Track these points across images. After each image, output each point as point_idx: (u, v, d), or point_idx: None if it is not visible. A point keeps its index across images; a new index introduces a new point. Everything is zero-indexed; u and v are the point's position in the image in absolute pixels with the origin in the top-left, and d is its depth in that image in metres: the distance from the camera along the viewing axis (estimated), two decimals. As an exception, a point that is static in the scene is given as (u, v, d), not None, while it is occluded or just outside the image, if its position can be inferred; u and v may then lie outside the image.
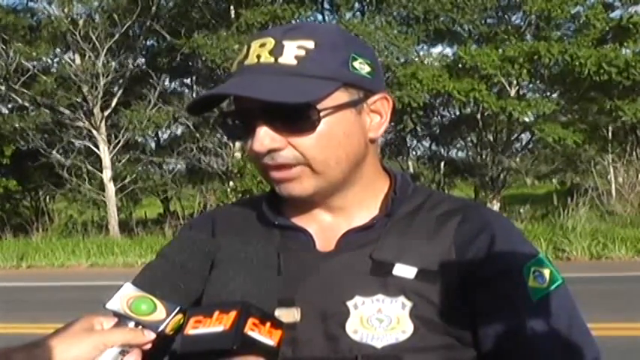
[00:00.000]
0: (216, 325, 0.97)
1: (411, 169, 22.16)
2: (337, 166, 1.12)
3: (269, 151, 1.09)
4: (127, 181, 18.73)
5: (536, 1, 17.33)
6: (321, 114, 1.08)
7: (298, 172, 1.11)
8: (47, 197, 20.78)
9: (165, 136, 22.21)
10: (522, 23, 19.51)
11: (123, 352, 1.01)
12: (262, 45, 1.10)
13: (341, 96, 1.10)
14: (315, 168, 1.10)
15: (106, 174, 18.62)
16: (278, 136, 1.09)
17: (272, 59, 1.09)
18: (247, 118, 1.10)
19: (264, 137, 1.08)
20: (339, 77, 1.10)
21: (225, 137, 18.77)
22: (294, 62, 1.08)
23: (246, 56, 1.12)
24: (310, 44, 1.09)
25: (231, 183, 17.97)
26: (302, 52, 1.09)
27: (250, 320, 0.97)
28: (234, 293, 1.02)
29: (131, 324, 1.03)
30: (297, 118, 1.08)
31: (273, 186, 1.15)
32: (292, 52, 1.09)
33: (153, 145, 22.36)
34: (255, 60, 1.10)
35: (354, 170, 1.15)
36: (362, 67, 1.12)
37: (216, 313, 0.98)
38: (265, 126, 1.08)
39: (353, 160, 1.13)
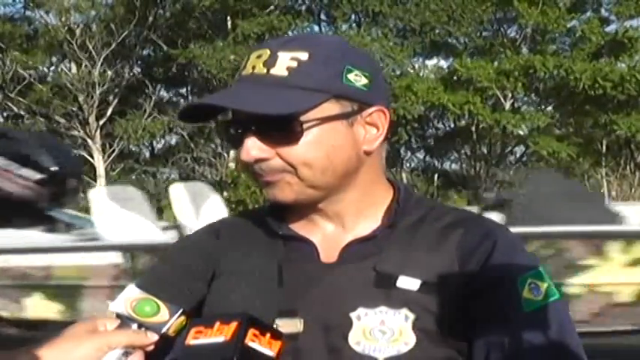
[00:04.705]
0: (217, 335, 0.98)
1: (405, 181, 22.21)
2: (322, 176, 1.12)
3: (256, 160, 1.10)
4: (121, 190, 18.68)
5: (532, 15, 17.44)
6: (306, 125, 1.08)
7: (283, 177, 1.11)
8: (41, 206, 20.68)
9: (160, 145, 22.23)
10: (518, 36, 19.62)
11: (126, 354, 1.02)
12: (259, 56, 1.11)
13: (331, 107, 1.10)
14: (300, 176, 1.11)
15: (100, 183, 18.59)
16: (265, 146, 1.10)
17: (265, 70, 1.10)
18: (239, 127, 1.12)
19: (252, 147, 1.10)
20: (329, 89, 1.10)
21: (219, 147, 18.83)
22: (285, 73, 1.09)
23: (244, 67, 1.13)
24: (304, 56, 1.09)
25: (224, 193, 17.95)
26: (294, 64, 1.09)
27: (250, 331, 0.98)
28: (235, 304, 1.03)
29: (134, 326, 1.04)
30: (281, 129, 1.08)
31: (263, 191, 1.17)
32: (285, 63, 1.09)
33: (147, 154, 22.36)
34: (250, 71, 1.11)
35: (343, 181, 1.15)
36: (357, 79, 1.12)
37: (217, 323, 0.99)
38: (254, 136, 1.10)
39: (341, 171, 1.13)
